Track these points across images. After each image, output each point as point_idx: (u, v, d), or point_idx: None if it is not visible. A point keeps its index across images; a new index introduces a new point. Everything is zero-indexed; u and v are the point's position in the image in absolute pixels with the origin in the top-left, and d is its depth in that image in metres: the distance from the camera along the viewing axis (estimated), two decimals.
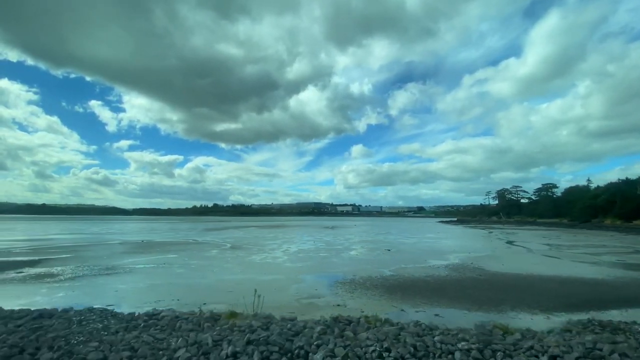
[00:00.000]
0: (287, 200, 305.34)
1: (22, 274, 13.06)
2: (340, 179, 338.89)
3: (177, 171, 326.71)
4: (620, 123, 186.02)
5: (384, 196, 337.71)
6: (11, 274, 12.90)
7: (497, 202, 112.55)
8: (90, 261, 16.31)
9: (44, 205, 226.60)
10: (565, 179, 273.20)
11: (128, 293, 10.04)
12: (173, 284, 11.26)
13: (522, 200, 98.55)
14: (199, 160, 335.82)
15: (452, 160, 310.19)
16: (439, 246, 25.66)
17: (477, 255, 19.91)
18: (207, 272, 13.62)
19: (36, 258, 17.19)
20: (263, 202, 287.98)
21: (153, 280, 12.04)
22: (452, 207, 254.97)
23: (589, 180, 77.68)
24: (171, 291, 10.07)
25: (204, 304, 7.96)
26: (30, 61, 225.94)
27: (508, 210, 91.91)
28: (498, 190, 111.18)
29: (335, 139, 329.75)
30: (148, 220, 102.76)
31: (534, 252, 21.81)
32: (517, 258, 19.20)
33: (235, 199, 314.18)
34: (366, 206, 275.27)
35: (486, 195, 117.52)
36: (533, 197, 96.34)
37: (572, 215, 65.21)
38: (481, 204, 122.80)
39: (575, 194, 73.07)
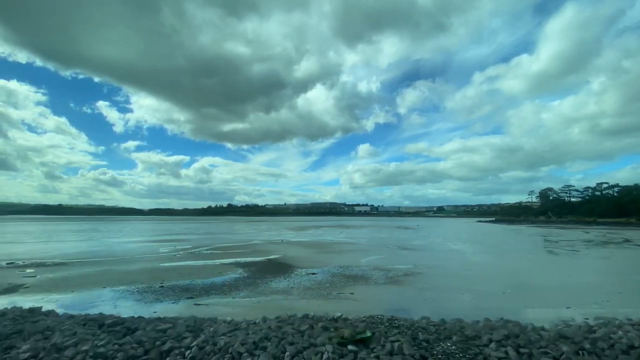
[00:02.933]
0: (292, 200, 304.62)
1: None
2: (346, 179, 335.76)
3: (183, 171, 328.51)
4: (634, 120, 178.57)
5: (390, 196, 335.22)
6: None
7: (539, 201, 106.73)
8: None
9: (60, 205, 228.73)
10: (576, 177, 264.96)
11: None
12: None
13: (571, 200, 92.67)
14: (205, 161, 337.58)
15: (459, 159, 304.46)
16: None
17: None
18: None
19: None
20: (268, 203, 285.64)
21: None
22: (466, 206, 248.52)
23: None
24: None
25: None
26: (39, 62, 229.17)
27: (558, 210, 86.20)
28: (541, 190, 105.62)
29: (341, 139, 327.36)
30: (175, 221, 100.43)
31: None
32: None
33: (241, 199, 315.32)
34: (383, 206, 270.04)
35: (529, 194, 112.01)
36: (579, 197, 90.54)
37: None
38: (519, 203, 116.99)
39: None
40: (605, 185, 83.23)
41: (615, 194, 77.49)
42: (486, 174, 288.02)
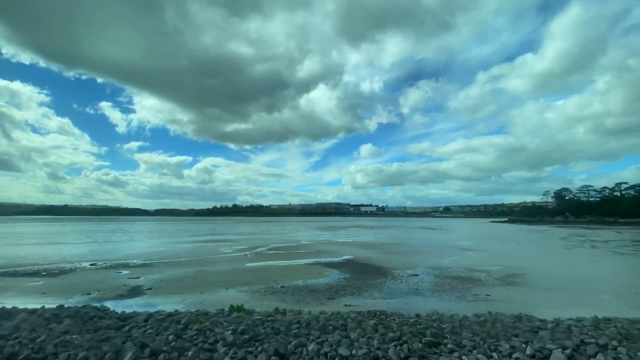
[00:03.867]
0: (294, 200, 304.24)
1: None
2: (348, 179, 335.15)
3: (185, 172, 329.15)
4: (639, 120, 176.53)
5: (392, 196, 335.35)
6: None
7: (553, 201, 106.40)
8: None
9: (65, 206, 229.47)
10: (579, 178, 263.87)
11: None
12: None
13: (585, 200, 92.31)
14: (207, 161, 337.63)
15: (462, 159, 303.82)
16: None
17: None
18: None
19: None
20: (269, 203, 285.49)
21: None
22: (471, 206, 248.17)
23: None
24: None
25: None
26: (42, 63, 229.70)
27: (576, 210, 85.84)
28: (556, 190, 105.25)
29: (343, 139, 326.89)
30: (189, 221, 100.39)
31: None
32: None
33: (243, 199, 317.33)
34: (389, 207, 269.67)
35: (543, 194, 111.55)
36: (597, 197, 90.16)
37: None
38: (534, 203, 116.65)
39: None
40: (625, 186, 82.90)
41: (636, 194, 77.08)
42: (489, 174, 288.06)
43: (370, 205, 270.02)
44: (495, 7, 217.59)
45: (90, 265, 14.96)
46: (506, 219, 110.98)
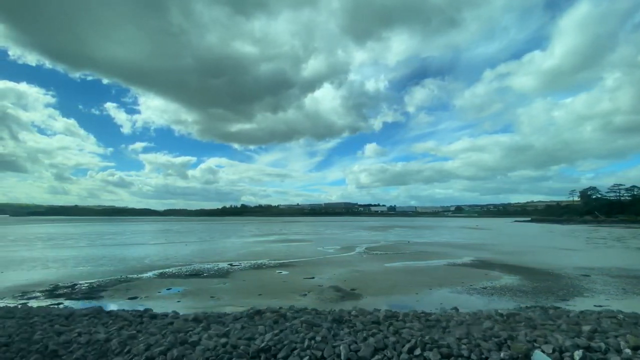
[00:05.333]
0: (298, 200, 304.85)
1: None
2: (352, 179, 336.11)
3: (190, 172, 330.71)
4: None
5: (396, 196, 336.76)
6: None
7: (579, 200, 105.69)
8: None
9: (76, 206, 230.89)
10: (586, 177, 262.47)
11: None
12: None
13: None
14: (211, 162, 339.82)
15: (467, 158, 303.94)
16: None
17: None
18: None
19: None
20: (272, 203, 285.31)
21: None
22: (481, 206, 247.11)
23: None
24: None
25: None
26: (48, 64, 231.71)
27: (607, 209, 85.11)
28: (582, 190, 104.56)
29: (347, 138, 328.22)
30: (209, 221, 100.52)
31: None
32: None
33: (247, 199, 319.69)
34: (401, 207, 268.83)
35: (570, 194, 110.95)
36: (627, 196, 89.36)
37: None
38: (558, 203, 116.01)
39: None
40: None
41: None
42: (494, 173, 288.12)
43: (378, 205, 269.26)
44: (503, 3, 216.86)
45: (231, 265, 14.89)
46: (529, 219, 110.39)
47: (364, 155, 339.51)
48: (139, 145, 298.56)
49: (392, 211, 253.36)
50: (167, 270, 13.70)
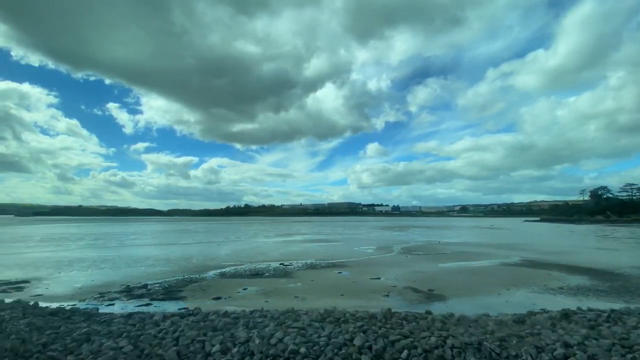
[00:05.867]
0: (300, 200, 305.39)
1: None
2: (354, 179, 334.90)
3: (192, 172, 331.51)
4: None
5: (398, 196, 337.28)
6: None
7: (588, 199, 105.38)
8: None
9: (80, 206, 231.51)
10: (590, 176, 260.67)
11: None
12: None
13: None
14: (213, 162, 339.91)
15: (470, 158, 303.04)
16: None
17: None
18: None
19: None
20: (274, 203, 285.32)
21: None
22: (485, 206, 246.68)
23: None
24: None
25: None
26: (51, 65, 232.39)
27: (619, 209, 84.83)
28: (592, 190, 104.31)
29: (349, 138, 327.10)
30: (223, 222, 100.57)
31: None
32: None
33: (248, 199, 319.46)
34: (405, 207, 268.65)
35: (580, 193, 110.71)
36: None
37: None
38: (566, 202, 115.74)
39: None
40: None
41: None
42: (497, 173, 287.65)
43: (382, 205, 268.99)
44: (506, 1, 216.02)
45: (283, 265, 14.90)
46: (538, 219, 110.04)
47: (365, 155, 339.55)
48: (141, 145, 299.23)
49: (397, 211, 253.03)
50: (224, 270, 13.72)
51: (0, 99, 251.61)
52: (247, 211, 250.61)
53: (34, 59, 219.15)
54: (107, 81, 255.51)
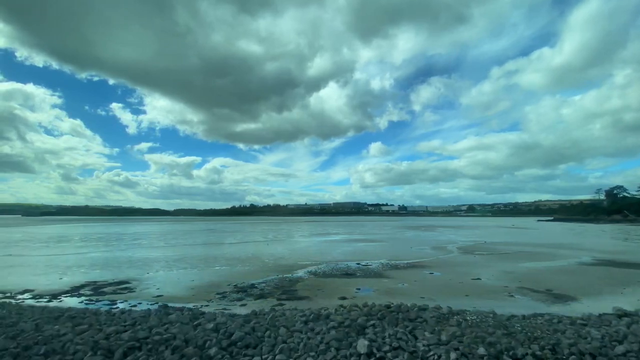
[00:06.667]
0: (302, 200, 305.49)
1: None
2: (357, 178, 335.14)
3: (195, 172, 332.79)
4: None
5: (401, 195, 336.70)
6: None
7: (604, 199, 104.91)
8: None
9: (87, 206, 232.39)
10: (595, 175, 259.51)
11: None
12: None
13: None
14: (216, 162, 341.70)
15: (473, 157, 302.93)
16: None
17: None
18: None
19: None
20: (277, 202, 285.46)
21: None
22: (492, 205, 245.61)
23: None
24: None
25: None
26: (55, 65, 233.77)
27: (636, 208, 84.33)
28: (607, 189, 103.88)
29: (352, 138, 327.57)
30: (238, 222, 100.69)
31: None
32: None
33: (251, 199, 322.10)
34: (411, 206, 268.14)
35: (596, 192, 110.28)
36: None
37: None
38: (581, 202, 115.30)
39: None
40: None
41: None
42: (501, 172, 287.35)
43: (387, 205, 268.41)
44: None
45: (360, 265, 14.89)
46: (551, 218, 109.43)
47: (368, 154, 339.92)
48: (144, 145, 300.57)
49: (403, 211, 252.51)
50: (311, 269, 13.73)
51: (4, 99, 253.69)
52: (252, 211, 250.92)
53: (38, 60, 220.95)
54: (111, 81, 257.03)
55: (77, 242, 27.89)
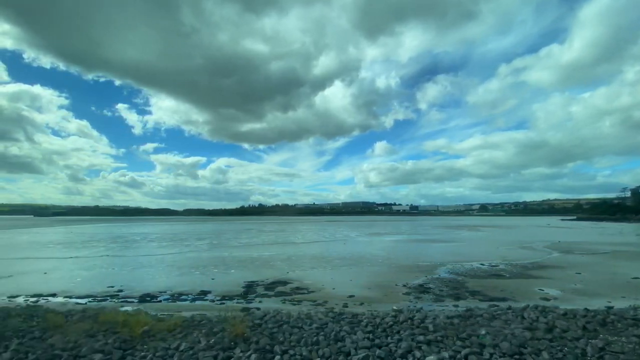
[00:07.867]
0: (306, 199, 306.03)
1: None
2: (361, 178, 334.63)
3: (200, 172, 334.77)
4: None
5: (406, 195, 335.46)
6: None
7: (629, 197, 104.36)
8: None
9: (97, 207, 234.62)
10: (603, 174, 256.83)
11: None
12: None
13: None
14: (221, 162, 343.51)
15: (479, 156, 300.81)
16: None
17: None
18: None
19: None
20: (281, 202, 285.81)
21: None
22: (502, 204, 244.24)
23: None
24: None
25: None
26: (62, 66, 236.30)
27: None
28: (632, 188, 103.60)
29: (357, 137, 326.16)
30: (253, 222, 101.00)
31: None
32: None
33: (255, 199, 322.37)
34: (422, 206, 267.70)
35: (621, 191, 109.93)
36: None
37: None
38: (604, 201, 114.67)
39: None
40: None
41: None
42: (507, 171, 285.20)
43: (395, 204, 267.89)
44: None
45: (487, 266, 14.99)
46: (574, 217, 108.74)
47: (373, 153, 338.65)
48: (150, 146, 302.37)
49: (415, 210, 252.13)
50: (447, 269, 13.87)
51: (12, 101, 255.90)
52: (262, 211, 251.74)
53: (45, 61, 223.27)
54: (117, 82, 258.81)
55: (156, 242, 28.17)
